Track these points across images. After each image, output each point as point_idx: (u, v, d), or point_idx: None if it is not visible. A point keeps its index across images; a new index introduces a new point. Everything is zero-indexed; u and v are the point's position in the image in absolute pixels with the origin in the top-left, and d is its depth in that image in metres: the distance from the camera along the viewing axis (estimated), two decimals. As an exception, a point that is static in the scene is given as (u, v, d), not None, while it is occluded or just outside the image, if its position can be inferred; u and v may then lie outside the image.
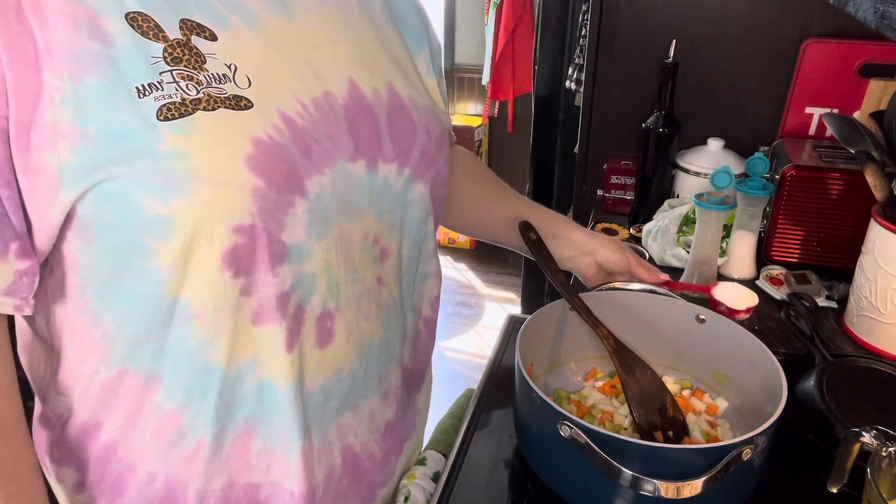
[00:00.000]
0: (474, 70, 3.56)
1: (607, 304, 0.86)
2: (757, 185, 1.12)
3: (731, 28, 1.39)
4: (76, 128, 0.50)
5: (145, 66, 0.52)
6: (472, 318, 3.10)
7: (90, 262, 0.56)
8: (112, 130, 0.51)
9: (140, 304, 0.57)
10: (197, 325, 0.57)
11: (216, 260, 0.55)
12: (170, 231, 0.53)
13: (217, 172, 0.53)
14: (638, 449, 0.64)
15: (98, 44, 0.51)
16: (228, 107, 0.54)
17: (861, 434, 0.64)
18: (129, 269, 0.56)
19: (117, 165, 0.51)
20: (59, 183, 0.52)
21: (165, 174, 0.52)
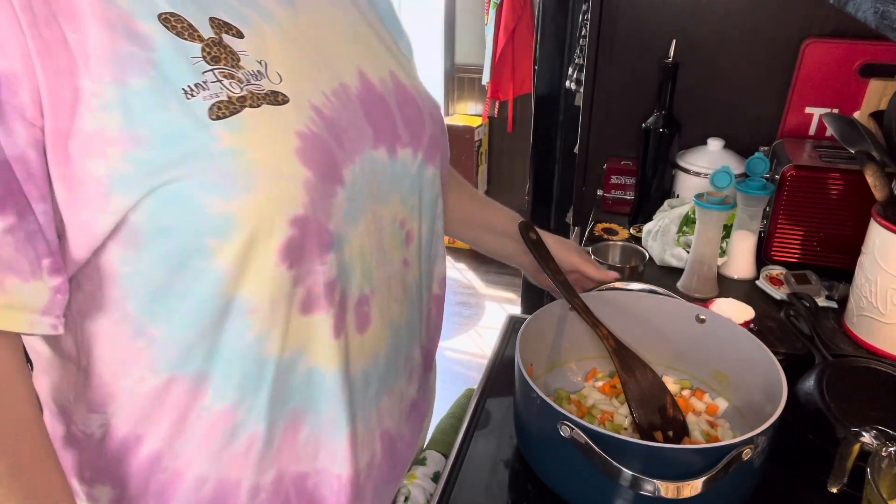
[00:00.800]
0: (474, 70, 3.56)
1: (607, 304, 0.86)
2: (757, 185, 1.12)
3: (731, 28, 1.39)
4: (126, 132, 0.50)
5: (188, 66, 0.52)
6: (472, 318, 3.10)
7: (135, 272, 0.55)
8: (165, 133, 0.50)
9: (195, 306, 0.56)
10: (253, 320, 0.58)
11: (274, 253, 0.56)
12: (232, 229, 0.54)
13: (274, 167, 0.54)
14: (638, 449, 0.64)
15: (136, 47, 0.50)
16: (269, 103, 0.55)
17: (861, 434, 0.64)
18: (184, 272, 0.55)
19: (177, 168, 0.51)
20: (109, 191, 0.50)
21: (225, 172, 0.52)
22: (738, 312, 0.97)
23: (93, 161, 0.50)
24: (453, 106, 3.73)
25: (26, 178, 0.49)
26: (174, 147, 0.51)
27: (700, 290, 1.13)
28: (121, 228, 0.53)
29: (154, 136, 0.50)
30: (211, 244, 0.54)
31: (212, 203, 0.52)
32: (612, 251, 1.22)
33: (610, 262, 1.20)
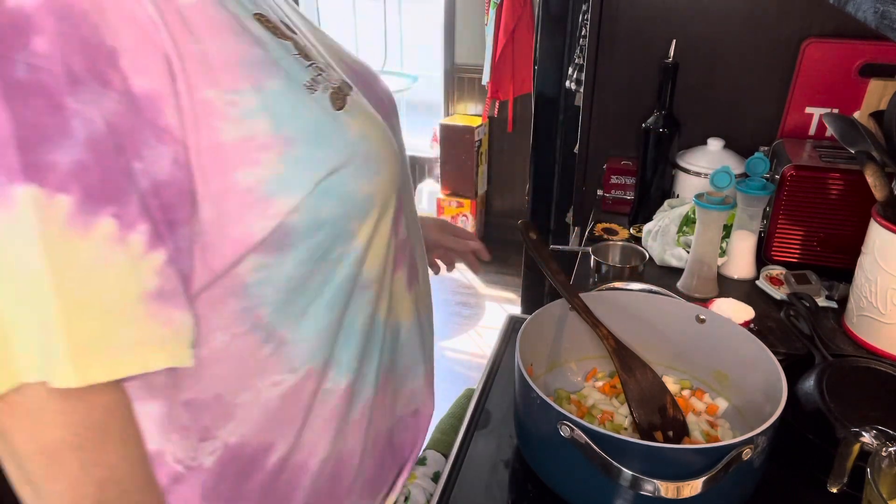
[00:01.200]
0: (474, 70, 3.55)
1: (607, 304, 0.86)
2: (757, 185, 1.12)
3: (731, 28, 1.39)
4: (277, 135, 0.49)
5: (297, 63, 0.53)
6: (472, 318, 3.10)
7: (268, 278, 0.53)
8: (311, 129, 0.51)
9: (331, 294, 0.57)
10: (371, 292, 0.61)
11: (390, 225, 0.61)
12: (371, 208, 0.57)
13: (385, 145, 0.59)
14: (638, 449, 0.64)
15: (259, 48, 0.50)
16: (348, 91, 0.57)
17: (861, 434, 0.64)
18: (324, 262, 0.56)
19: (331, 159, 0.52)
20: (266, 196, 0.49)
21: (364, 156, 0.55)
22: (738, 312, 0.97)
23: (243, 171, 0.48)
24: (453, 106, 3.73)
25: (175, 202, 0.47)
26: (322, 141, 0.52)
27: (700, 290, 1.13)
28: (273, 234, 0.51)
29: (303, 135, 0.51)
30: (353, 227, 0.56)
31: (360, 188, 0.55)
32: (612, 251, 1.22)
33: (610, 262, 1.20)
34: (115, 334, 0.44)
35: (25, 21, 0.40)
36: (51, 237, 0.41)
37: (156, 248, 0.45)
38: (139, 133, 0.44)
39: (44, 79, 0.40)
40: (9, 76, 0.40)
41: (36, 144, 0.40)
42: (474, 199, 3.64)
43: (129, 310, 0.44)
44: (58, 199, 0.41)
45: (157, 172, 0.45)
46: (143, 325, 0.45)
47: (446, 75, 3.65)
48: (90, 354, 0.43)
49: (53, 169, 0.41)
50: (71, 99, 0.41)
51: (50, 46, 0.41)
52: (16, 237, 0.41)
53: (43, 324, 0.42)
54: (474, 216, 3.67)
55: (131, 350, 0.45)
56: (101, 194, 0.42)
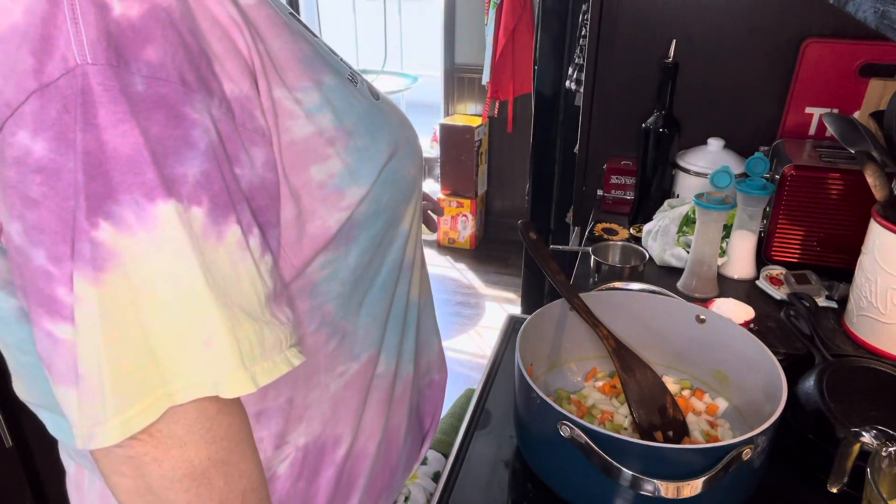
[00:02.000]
0: (474, 70, 3.55)
1: (607, 304, 0.86)
2: (757, 185, 1.12)
3: (731, 28, 1.39)
4: (339, 128, 0.50)
5: (334, 58, 0.54)
6: (472, 318, 3.10)
7: (335, 272, 0.54)
8: (366, 120, 0.52)
9: (385, 281, 0.59)
10: (411, 273, 0.62)
11: (420, 207, 0.62)
12: (415, 188, 0.59)
13: (414, 130, 0.61)
14: (638, 449, 0.64)
15: (308, 44, 0.50)
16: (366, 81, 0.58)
17: (861, 434, 0.64)
18: (380, 249, 0.57)
19: (387, 147, 0.54)
20: (338, 189, 0.50)
21: (407, 141, 0.57)
22: (738, 312, 0.97)
23: (316, 166, 0.49)
24: (453, 106, 3.73)
25: (267, 204, 0.47)
26: (376, 130, 0.53)
27: (700, 290, 1.13)
28: (343, 227, 0.52)
29: (360, 125, 0.51)
30: (402, 211, 0.58)
31: (409, 172, 0.57)
32: (612, 251, 1.22)
33: (610, 262, 1.20)
34: (264, 337, 0.44)
35: (135, 30, 0.39)
36: (200, 250, 0.41)
37: (266, 251, 0.46)
38: (237, 139, 0.44)
39: (163, 90, 0.40)
40: (131, 90, 0.39)
41: (167, 158, 0.40)
42: (474, 199, 3.64)
43: (264, 313, 0.45)
44: (193, 211, 0.41)
45: (252, 176, 0.45)
46: (276, 326, 0.46)
47: (446, 75, 3.65)
48: (254, 359, 0.43)
49: (185, 182, 0.40)
50: (189, 108, 0.41)
51: (162, 55, 0.40)
52: (168, 256, 0.40)
53: (208, 338, 0.42)
54: (474, 216, 3.67)
55: (277, 350, 0.45)
56: (225, 202, 0.42)
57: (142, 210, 0.39)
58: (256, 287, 0.44)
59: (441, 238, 3.78)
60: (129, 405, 0.41)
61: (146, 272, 0.40)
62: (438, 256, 3.67)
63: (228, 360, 0.42)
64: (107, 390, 0.40)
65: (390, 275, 0.59)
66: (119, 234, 0.39)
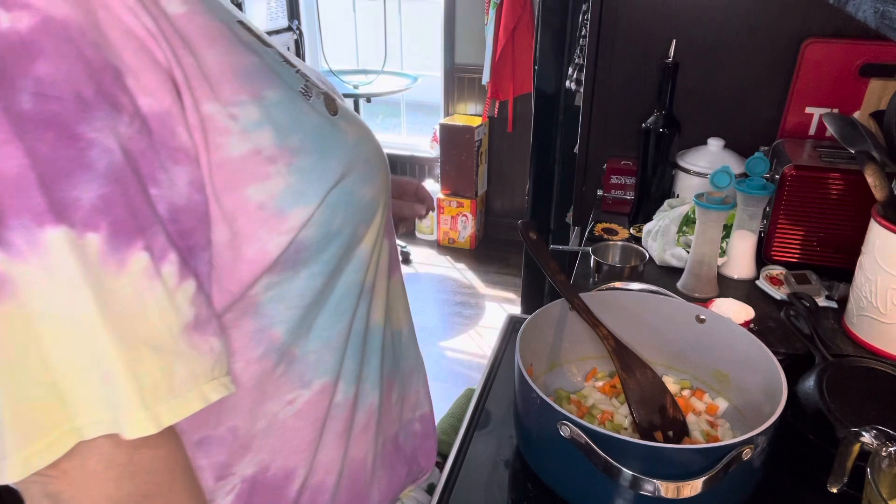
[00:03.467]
0: (474, 70, 3.55)
1: (607, 304, 0.86)
2: (757, 185, 1.12)
3: (731, 28, 1.39)
4: (282, 146, 0.47)
5: (287, 69, 0.51)
6: (472, 318, 3.10)
7: (282, 294, 0.51)
8: (315, 137, 0.49)
9: (339, 305, 0.55)
10: (372, 296, 0.60)
11: (385, 227, 0.59)
12: (375, 209, 0.56)
13: (377, 148, 0.58)
14: (638, 449, 0.64)
15: (253, 55, 0.48)
16: (335, 96, 0.56)
17: (861, 434, 0.64)
18: (334, 274, 0.54)
19: (338, 167, 0.51)
20: (279, 211, 0.47)
21: (365, 160, 0.54)
22: (738, 312, 0.97)
23: (254, 186, 0.46)
24: (453, 106, 3.73)
25: (193, 227, 0.44)
26: (327, 148, 0.50)
27: (700, 290, 1.13)
28: (287, 250, 0.49)
29: (307, 143, 0.49)
30: (360, 232, 0.55)
31: (366, 192, 0.54)
32: (612, 251, 1.22)
33: (610, 262, 1.20)
34: (173, 372, 0.42)
35: (24, 44, 0.36)
36: (95, 280, 0.39)
37: (186, 278, 0.43)
38: (153, 157, 0.41)
39: (53, 108, 0.37)
40: (16, 108, 0.36)
41: (57, 181, 0.37)
42: (474, 199, 3.64)
43: (177, 345, 0.42)
44: (87, 238, 0.38)
45: (173, 197, 0.42)
46: (192, 359, 0.43)
47: (446, 75, 3.65)
48: (157, 397, 0.41)
49: (77, 206, 0.38)
50: (85, 127, 0.38)
51: (55, 70, 0.37)
52: (59, 285, 0.38)
53: (106, 374, 0.40)
54: (474, 216, 3.67)
55: (189, 386, 0.43)
56: (129, 228, 0.40)
57: (32, 236, 0.37)
58: (167, 317, 0.42)
59: (441, 238, 3.78)
60: (31, 441, 0.39)
61: (42, 301, 0.38)
62: (438, 256, 3.67)
63: (127, 399, 0.40)
64: (6, 425, 0.39)
65: (345, 298, 0.56)
66: (12, 261, 0.37)
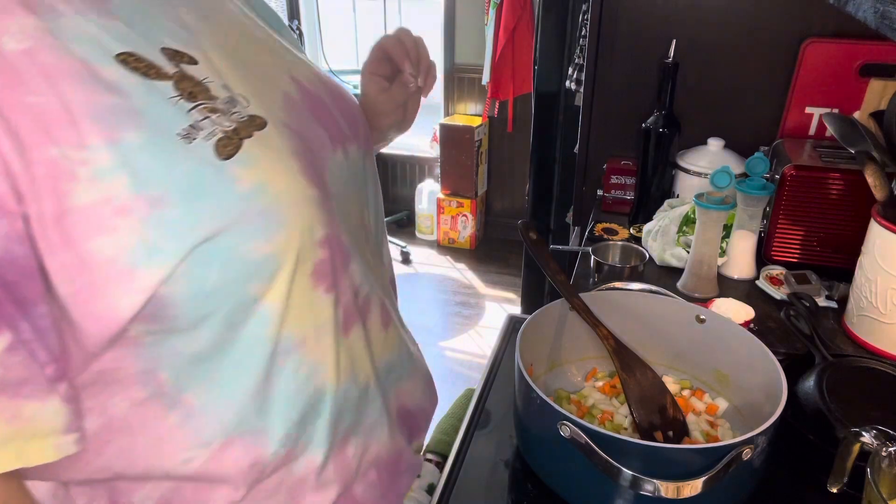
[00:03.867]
0: (474, 70, 3.55)
1: (607, 304, 0.86)
2: (757, 185, 1.12)
3: (731, 28, 1.39)
4: (139, 196, 0.43)
5: (171, 108, 0.46)
6: (472, 318, 3.10)
7: (164, 341, 0.48)
8: (184, 186, 0.44)
9: (242, 361, 0.51)
10: (303, 354, 0.55)
11: (310, 279, 0.53)
12: (276, 267, 0.50)
13: (293, 194, 0.51)
14: (638, 449, 0.64)
15: (113, 96, 0.43)
16: (255, 129, 0.51)
17: (861, 434, 0.64)
18: (228, 330, 0.50)
19: (211, 221, 0.45)
20: (130, 267, 0.43)
21: (259, 212, 0.48)
22: (738, 312, 0.97)
23: (101, 238, 0.42)
24: (453, 106, 3.73)
25: (17, 280, 0.40)
26: (199, 199, 0.45)
27: (700, 290, 1.13)
28: (148, 307, 0.45)
29: (172, 193, 0.44)
30: (256, 291, 0.50)
31: (254, 249, 0.48)
32: (612, 251, 1.22)
33: (610, 262, 1.20)
34: None
35: None
36: None
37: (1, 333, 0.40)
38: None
39: None
40: None
41: None
42: (474, 199, 3.64)
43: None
44: None
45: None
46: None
47: (446, 75, 3.65)
48: None
49: None
50: None
51: None
52: None
53: None
54: (474, 216, 3.67)
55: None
56: None
57: None
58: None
59: (441, 238, 3.78)
60: None
61: None
62: (438, 256, 3.67)
63: None
64: None
65: (249, 355, 0.52)
66: None
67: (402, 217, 3.99)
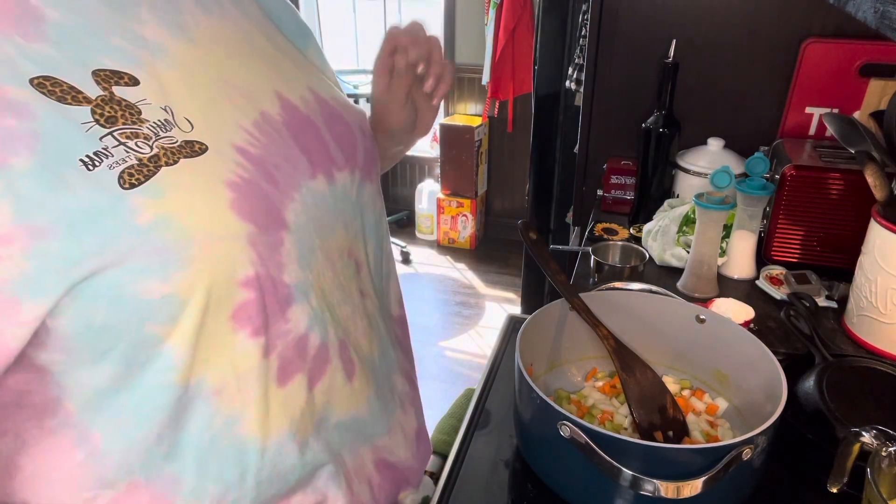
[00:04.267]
0: (474, 70, 3.55)
1: (607, 304, 0.86)
2: (757, 185, 1.12)
3: (731, 28, 1.39)
4: (20, 225, 0.40)
5: (79, 134, 0.44)
6: (472, 318, 3.10)
7: (68, 370, 0.47)
8: (72, 217, 0.42)
9: (145, 402, 0.49)
10: (219, 403, 0.51)
11: (228, 322, 0.50)
12: (178, 310, 0.47)
13: (211, 229, 0.47)
14: (638, 449, 0.64)
15: (13, 118, 0.41)
16: (186, 155, 0.48)
17: (861, 434, 0.64)
18: (128, 368, 0.47)
19: (98, 256, 0.43)
20: (14, 300, 0.41)
21: (158, 248, 0.45)
22: (738, 312, 0.97)
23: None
24: (453, 106, 3.73)
25: None
26: (88, 232, 0.42)
27: (700, 290, 1.13)
28: (40, 335, 0.44)
29: (59, 224, 0.41)
30: (157, 331, 0.47)
31: (149, 288, 0.45)
32: (612, 251, 1.22)
33: (610, 262, 1.20)
34: None
35: None
36: None
37: None
38: None
39: None
40: None
41: None
42: (474, 199, 3.64)
43: None
44: None
45: None
46: None
47: (446, 75, 3.65)
48: None
49: None
50: None
51: None
52: None
53: None
54: (474, 216, 3.67)
55: None
56: None
57: None
58: None
59: (441, 238, 3.78)
60: None
61: None
62: (438, 256, 3.67)
63: None
64: None
65: (149, 399, 0.49)
66: None
67: (402, 217, 3.99)
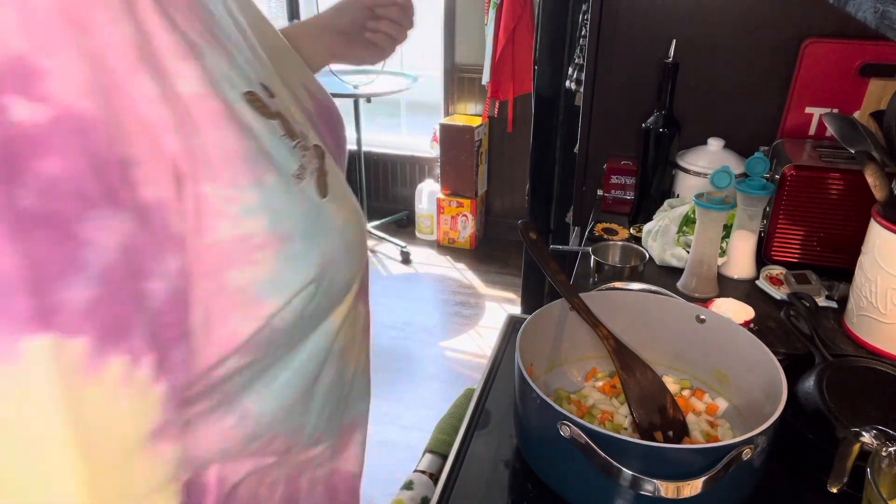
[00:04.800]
0: (474, 70, 3.55)
1: (607, 304, 0.86)
2: (757, 185, 1.12)
3: (732, 28, 1.39)
4: (272, 233, 0.44)
5: (284, 148, 0.47)
6: (472, 318, 3.10)
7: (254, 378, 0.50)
8: (303, 225, 0.47)
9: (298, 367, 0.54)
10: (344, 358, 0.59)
11: (356, 297, 0.58)
12: (348, 292, 0.55)
13: (362, 227, 0.56)
14: (638, 449, 0.64)
15: (251, 139, 0.45)
16: (321, 159, 0.51)
17: (861, 434, 0.64)
18: (293, 349, 0.52)
19: (320, 257, 0.48)
20: (256, 298, 0.45)
21: (346, 246, 0.51)
22: (738, 312, 0.97)
23: (237, 270, 0.43)
24: (453, 106, 3.73)
25: (176, 318, 0.41)
26: (312, 237, 0.48)
27: (700, 290, 1.13)
28: (255, 334, 0.46)
29: (297, 230, 0.46)
30: (327, 314, 0.53)
31: (343, 276, 0.52)
32: (612, 251, 1.22)
33: (610, 262, 1.20)
34: (132, 492, 0.40)
35: (33, 138, 0.34)
36: (69, 392, 0.36)
37: (158, 381, 0.40)
38: (149, 249, 0.39)
39: (54, 206, 0.34)
40: (16, 204, 0.33)
41: (47, 283, 0.34)
42: (474, 199, 3.64)
43: (136, 459, 0.40)
44: (72, 343, 0.35)
45: (165, 290, 0.40)
46: (149, 472, 0.41)
47: (446, 75, 3.65)
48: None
49: (66, 309, 0.35)
50: (83, 226, 0.35)
51: (61, 168, 0.35)
52: (29, 397, 0.35)
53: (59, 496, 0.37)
54: (474, 216, 3.67)
55: (139, 497, 0.41)
56: (116, 330, 0.37)
57: (9, 342, 0.34)
58: (131, 429, 0.39)
59: (441, 238, 3.78)
60: None
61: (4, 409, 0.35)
62: (438, 256, 3.67)
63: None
64: None
65: (309, 368, 0.55)
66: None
67: (402, 217, 3.99)
